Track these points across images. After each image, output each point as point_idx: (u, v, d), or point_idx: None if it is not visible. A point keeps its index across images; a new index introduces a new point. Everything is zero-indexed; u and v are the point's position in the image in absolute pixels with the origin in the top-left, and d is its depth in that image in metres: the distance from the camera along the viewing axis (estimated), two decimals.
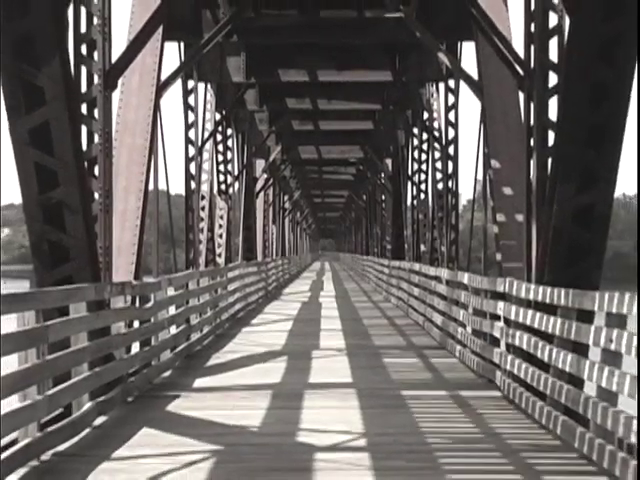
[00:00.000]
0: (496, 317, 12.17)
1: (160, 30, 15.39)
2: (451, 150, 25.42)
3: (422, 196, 31.10)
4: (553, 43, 11.96)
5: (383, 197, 48.42)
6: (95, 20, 11.89)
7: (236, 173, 30.54)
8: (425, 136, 30.13)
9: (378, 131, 35.66)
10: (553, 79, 11.91)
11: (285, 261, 48.92)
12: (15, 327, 7.91)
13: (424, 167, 30.85)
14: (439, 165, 26.73)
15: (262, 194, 39.64)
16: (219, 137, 28.60)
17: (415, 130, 32.00)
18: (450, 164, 25.57)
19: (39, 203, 10.85)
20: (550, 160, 11.61)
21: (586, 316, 8.48)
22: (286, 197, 59.89)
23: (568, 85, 11.18)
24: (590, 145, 10.89)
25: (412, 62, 24.60)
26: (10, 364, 7.73)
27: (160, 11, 13.77)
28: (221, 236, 28.42)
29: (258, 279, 30.90)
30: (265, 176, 39.07)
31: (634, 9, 10.34)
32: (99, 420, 9.84)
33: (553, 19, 11.97)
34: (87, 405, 9.56)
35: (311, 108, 30.48)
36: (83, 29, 11.86)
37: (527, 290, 10.52)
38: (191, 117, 23.56)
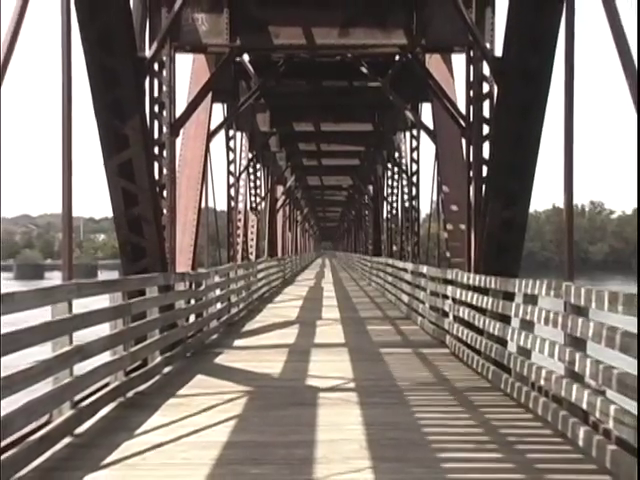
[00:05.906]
0: (446, 297, 12.17)
1: (209, 95, 15.42)
2: (414, 179, 25.35)
3: (394, 212, 31.04)
4: (486, 104, 11.96)
5: (367, 212, 48.28)
6: (164, 88, 11.91)
7: (263, 195, 30.51)
8: (396, 169, 30.07)
9: (363, 166, 35.60)
10: (486, 129, 11.90)
11: (297, 257, 48.85)
12: (108, 304, 7.93)
13: (395, 191, 30.78)
14: (406, 190, 26.65)
15: (281, 210, 39.57)
16: (251, 170, 28.53)
17: (389, 165, 31.93)
18: (413, 189, 25.52)
19: (125, 216, 10.85)
20: (484, 186, 11.61)
21: (509, 296, 8.48)
22: (298, 212, 59.72)
23: (496, 134, 11.18)
24: (512, 176, 10.87)
25: (387, 117, 24.64)
26: (103, 330, 7.74)
27: (209, 82, 13.86)
28: (252, 240, 28.38)
29: (278, 270, 30.86)
30: (283, 197, 38.98)
31: (542, 79, 10.34)
32: (166, 369, 9.86)
33: (486, 87, 11.96)
34: (158, 359, 9.57)
35: (316, 149, 30.47)
36: (156, 94, 11.88)
37: (468, 278, 10.53)
38: (231, 156, 23.45)
